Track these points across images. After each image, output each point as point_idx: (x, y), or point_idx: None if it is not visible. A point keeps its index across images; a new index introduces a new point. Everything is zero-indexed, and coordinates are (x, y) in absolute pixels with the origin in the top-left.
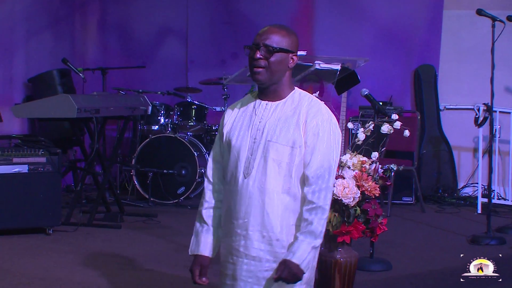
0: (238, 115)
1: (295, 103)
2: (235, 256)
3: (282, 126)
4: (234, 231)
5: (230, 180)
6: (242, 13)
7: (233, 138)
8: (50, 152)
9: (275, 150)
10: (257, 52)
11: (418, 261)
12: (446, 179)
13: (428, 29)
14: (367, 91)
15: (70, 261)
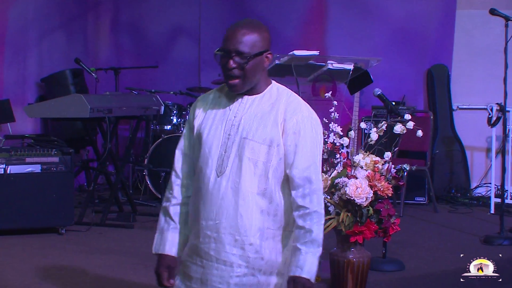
0: (210, 107)
1: (273, 98)
2: (205, 259)
3: (259, 123)
4: (204, 233)
5: (200, 177)
6: (254, 13)
7: (204, 132)
8: (63, 152)
9: (251, 148)
10: (230, 61)
11: (431, 262)
12: (459, 179)
13: (441, 29)
14: (379, 91)
15: (82, 260)
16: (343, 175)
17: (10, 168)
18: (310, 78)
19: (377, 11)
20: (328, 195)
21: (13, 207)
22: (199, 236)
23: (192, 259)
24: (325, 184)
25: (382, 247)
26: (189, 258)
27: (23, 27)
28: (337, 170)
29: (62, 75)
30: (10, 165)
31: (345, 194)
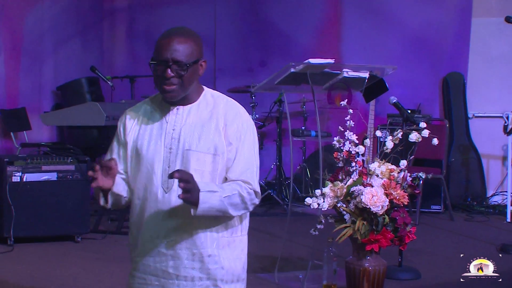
0: (144, 121)
1: (210, 105)
2: (163, 278)
3: (201, 132)
4: (158, 251)
5: (144, 195)
6: (270, 21)
7: (142, 149)
8: (78, 160)
9: (196, 159)
10: (168, 70)
11: (447, 270)
12: (475, 188)
13: (456, 37)
14: (395, 99)
15: (98, 268)
16: (359, 183)
17: (26, 176)
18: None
19: (392, 19)
20: (344, 203)
21: (29, 215)
22: (154, 255)
23: (146, 280)
24: (340, 192)
25: (398, 256)
26: (143, 281)
27: (39, 35)
28: (352, 179)
29: (78, 83)
30: (26, 173)
31: (361, 203)
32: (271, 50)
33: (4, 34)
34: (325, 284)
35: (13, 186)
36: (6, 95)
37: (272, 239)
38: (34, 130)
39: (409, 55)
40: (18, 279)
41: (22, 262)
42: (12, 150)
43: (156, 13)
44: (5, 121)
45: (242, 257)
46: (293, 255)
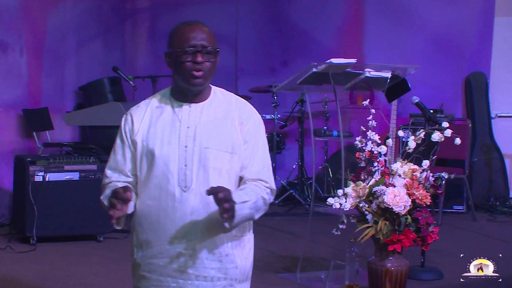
0: (152, 120)
1: (223, 103)
2: (181, 279)
3: (217, 130)
4: (176, 251)
5: (158, 195)
6: (291, 21)
7: (155, 148)
8: (101, 160)
9: (214, 158)
10: (199, 55)
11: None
12: (498, 188)
13: (479, 36)
14: (417, 99)
15: (120, 267)
16: (381, 184)
17: (49, 175)
18: (348, 86)
19: (414, 19)
20: (366, 203)
21: (51, 215)
22: (170, 256)
23: (163, 282)
24: (363, 192)
25: (420, 256)
26: (158, 282)
27: (61, 36)
28: (375, 179)
29: (100, 83)
30: (48, 173)
31: (383, 203)
32: (292, 50)
33: (26, 34)
34: (347, 284)
35: (36, 186)
36: (29, 95)
37: (294, 239)
38: (56, 130)
39: (431, 55)
40: (41, 278)
41: (45, 261)
42: (34, 149)
43: (178, 13)
44: (27, 121)
45: (250, 256)
46: (315, 255)
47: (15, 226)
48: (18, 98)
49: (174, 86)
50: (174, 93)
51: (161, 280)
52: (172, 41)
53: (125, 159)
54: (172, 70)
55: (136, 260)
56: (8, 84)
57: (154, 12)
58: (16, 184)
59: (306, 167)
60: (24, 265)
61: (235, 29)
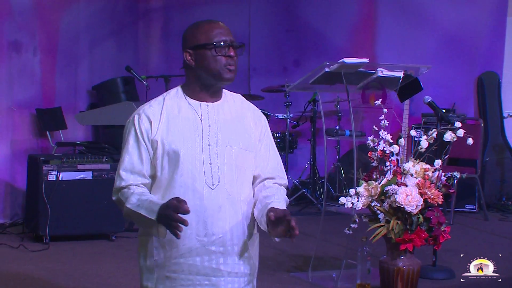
0: (170, 119)
1: (235, 103)
2: (213, 276)
3: (236, 129)
4: (206, 249)
5: (184, 194)
6: (304, 21)
7: (179, 147)
8: (114, 159)
9: (236, 156)
10: (231, 50)
11: None
12: (510, 187)
13: (491, 36)
14: (430, 99)
15: (133, 267)
16: (393, 183)
17: (62, 174)
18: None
19: (426, 19)
20: (378, 203)
21: (64, 214)
22: (200, 254)
23: (194, 281)
24: (375, 191)
25: (432, 255)
26: (188, 281)
27: (74, 36)
28: (387, 178)
29: (113, 83)
30: (62, 172)
31: (395, 202)
32: (305, 49)
33: (40, 34)
34: (359, 283)
35: (49, 185)
36: (42, 94)
37: (306, 238)
38: (69, 130)
39: (443, 54)
40: (54, 277)
41: (58, 260)
42: (48, 149)
43: (191, 13)
44: (41, 120)
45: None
46: (327, 254)
47: (28, 225)
48: (32, 98)
49: (189, 84)
50: (188, 92)
51: (191, 279)
52: (197, 38)
53: (142, 160)
54: (193, 68)
55: (158, 262)
56: (21, 84)
57: (167, 12)
58: (29, 183)
59: (318, 166)
60: (37, 264)
61: (247, 29)
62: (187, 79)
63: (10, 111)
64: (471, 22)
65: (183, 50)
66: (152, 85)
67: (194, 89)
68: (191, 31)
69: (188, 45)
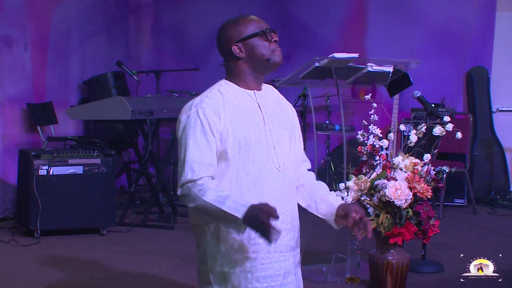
0: (233, 109)
1: (271, 91)
2: (286, 251)
3: (281, 115)
4: (281, 228)
5: (257, 178)
6: (294, 16)
7: (248, 134)
8: (104, 154)
9: (289, 140)
10: (274, 35)
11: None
12: (499, 181)
13: (480, 31)
14: (419, 93)
15: (123, 261)
16: (383, 177)
17: (53, 169)
18: (350, 81)
19: (416, 14)
20: (368, 197)
21: (55, 208)
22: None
23: (271, 259)
24: (364, 185)
25: (421, 249)
26: (266, 260)
27: (65, 31)
28: (376, 172)
29: (104, 77)
30: (53, 167)
31: (385, 196)
32: (295, 44)
33: (31, 29)
34: (348, 277)
35: (40, 179)
36: (34, 89)
37: None
38: (60, 124)
39: (433, 50)
40: (45, 271)
41: (48, 255)
42: (39, 143)
43: (181, 8)
44: (32, 115)
45: None
46: (317, 248)
47: (19, 220)
48: (23, 93)
49: (238, 76)
50: (239, 82)
51: (269, 257)
52: (241, 31)
53: (211, 152)
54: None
55: (234, 246)
56: (12, 79)
57: (158, 8)
58: (20, 178)
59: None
60: (28, 258)
61: None
62: (235, 71)
63: (1, 106)
64: (461, 18)
65: (228, 47)
66: (142, 80)
67: (244, 79)
68: (233, 27)
69: (233, 40)
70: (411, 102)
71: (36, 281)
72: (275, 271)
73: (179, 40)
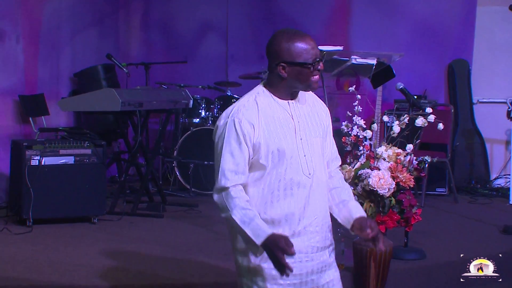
0: (267, 119)
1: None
2: (312, 253)
3: (314, 121)
4: (306, 231)
5: (289, 185)
6: (280, 10)
7: (281, 143)
8: (95, 144)
9: (318, 146)
10: (321, 65)
11: (451, 251)
12: (479, 171)
13: (462, 25)
14: (402, 85)
15: (114, 249)
16: (366, 167)
17: (45, 159)
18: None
19: (399, 8)
20: (352, 186)
21: (47, 197)
22: (300, 235)
23: (296, 259)
24: (348, 175)
25: (404, 237)
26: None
27: (57, 24)
28: (360, 162)
29: (94, 70)
30: (44, 157)
31: (368, 185)
32: None
33: (23, 22)
34: None
35: (32, 170)
36: (25, 81)
37: None
38: (52, 116)
39: (415, 43)
40: (36, 259)
41: (41, 242)
42: (31, 134)
43: (170, 2)
44: (24, 107)
45: None
46: None
47: (12, 209)
48: (15, 85)
49: (276, 87)
50: (274, 92)
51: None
52: (292, 55)
53: (244, 161)
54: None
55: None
56: (5, 71)
57: (147, 2)
58: (12, 168)
59: None
60: (20, 246)
61: (225, 18)
62: (274, 83)
63: None
64: (443, 12)
65: (275, 61)
66: (132, 72)
67: (280, 91)
68: (286, 46)
69: (282, 58)
70: (394, 94)
71: (29, 267)
72: (297, 270)
73: (168, 34)
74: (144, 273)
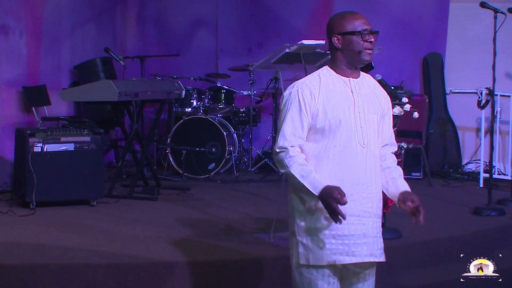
0: (328, 92)
1: (367, 81)
2: (364, 217)
3: (373, 101)
4: (359, 195)
5: (342, 151)
6: (267, 6)
7: (340, 114)
8: (94, 132)
9: (375, 122)
10: (372, 36)
11: (426, 231)
12: (451, 156)
13: (436, 20)
14: (380, 77)
15: (111, 229)
16: None
17: (47, 146)
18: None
19: (378, 5)
20: None
21: (49, 182)
22: (353, 199)
23: (348, 220)
24: None
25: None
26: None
27: (57, 19)
28: None
29: (93, 63)
30: (46, 144)
31: None
32: (268, 32)
33: (26, 18)
34: None
35: (35, 156)
36: (28, 73)
37: (268, 202)
38: (53, 105)
39: (393, 37)
40: (39, 239)
41: (43, 224)
42: (33, 123)
43: None
44: (27, 97)
45: None
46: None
47: (16, 192)
48: (19, 76)
49: (337, 64)
50: (337, 70)
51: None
52: (344, 26)
53: (303, 126)
54: (340, 49)
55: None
56: (9, 64)
57: None
58: (17, 154)
59: None
60: (24, 228)
61: (215, 13)
62: (334, 59)
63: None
64: (418, 8)
65: (331, 36)
66: (128, 65)
67: (341, 67)
68: (338, 21)
69: (335, 32)
70: None
71: (32, 247)
72: (350, 231)
73: (162, 28)
74: (139, 252)
